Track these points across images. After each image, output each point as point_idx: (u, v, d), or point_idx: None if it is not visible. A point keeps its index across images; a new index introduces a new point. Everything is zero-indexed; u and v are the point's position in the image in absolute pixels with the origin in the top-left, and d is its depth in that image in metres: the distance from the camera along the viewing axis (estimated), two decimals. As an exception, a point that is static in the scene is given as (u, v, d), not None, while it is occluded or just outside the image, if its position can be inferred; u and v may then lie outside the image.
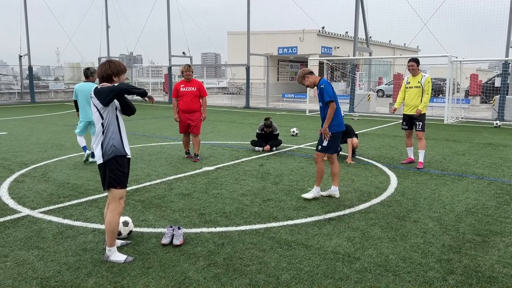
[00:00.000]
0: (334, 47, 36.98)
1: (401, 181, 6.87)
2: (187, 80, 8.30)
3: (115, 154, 3.81)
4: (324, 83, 5.78)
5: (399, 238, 4.47)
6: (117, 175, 3.84)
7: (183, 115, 8.34)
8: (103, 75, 3.83)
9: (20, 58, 25.26)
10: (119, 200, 3.89)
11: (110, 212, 3.88)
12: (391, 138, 11.74)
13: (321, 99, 5.82)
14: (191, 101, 8.24)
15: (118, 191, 3.87)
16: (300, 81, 5.92)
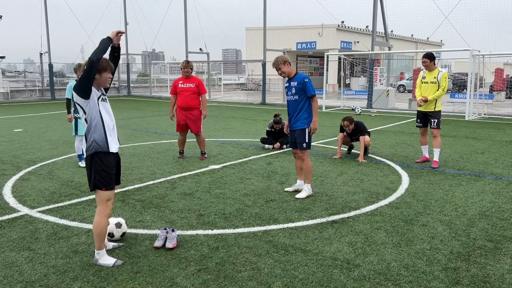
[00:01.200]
0: (353, 41, 36.38)
1: (413, 181, 6.57)
2: (186, 76, 8.04)
3: (95, 150, 3.68)
4: (307, 77, 5.69)
5: (404, 243, 4.22)
6: (102, 176, 3.71)
7: (180, 112, 8.06)
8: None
9: (40, 56, 25.68)
10: (106, 202, 3.77)
11: (98, 215, 3.76)
12: (407, 135, 11.36)
13: (298, 93, 5.64)
14: (189, 98, 7.96)
15: (104, 192, 3.75)
16: (278, 66, 5.68)
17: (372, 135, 10.90)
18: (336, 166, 7.61)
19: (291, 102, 5.75)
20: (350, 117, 8.39)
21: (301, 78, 5.63)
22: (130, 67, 40.09)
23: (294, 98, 5.68)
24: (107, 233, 4.17)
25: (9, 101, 24.25)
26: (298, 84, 5.62)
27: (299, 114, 5.67)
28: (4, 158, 8.20)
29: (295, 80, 5.67)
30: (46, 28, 25.21)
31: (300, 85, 5.61)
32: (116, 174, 3.90)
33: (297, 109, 5.67)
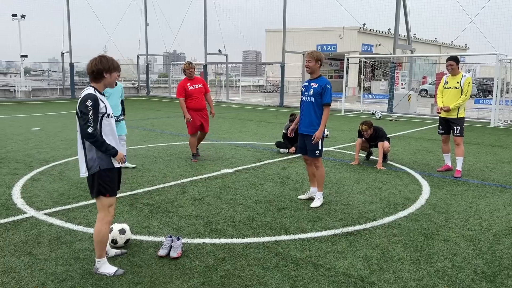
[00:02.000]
0: (375, 44, 35.83)
1: (434, 191, 6.24)
2: (190, 77, 7.95)
3: (100, 168, 3.51)
4: (329, 83, 5.41)
5: (423, 260, 3.94)
6: (106, 182, 3.56)
7: (195, 114, 7.94)
8: (93, 69, 3.50)
9: (62, 55, 26.01)
10: (108, 208, 3.62)
11: (99, 221, 3.60)
12: (429, 142, 10.96)
13: (316, 96, 5.36)
14: (200, 99, 7.96)
15: (107, 199, 3.59)
16: (309, 58, 5.39)
17: (392, 141, 10.56)
18: (353, 173, 7.32)
19: (305, 103, 5.49)
20: (369, 121, 8.08)
21: (324, 82, 5.37)
22: (152, 67, 40.41)
23: (310, 100, 5.42)
24: (110, 240, 4.03)
25: (30, 100, 24.63)
26: (319, 87, 5.36)
27: (313, 118, 5.41)
28: (17, 157, 8.18)
29: (316, 82, 5.41)
30: (68, 27, 25.54)
31: (320, 89, 5.34)
32: (118, 180, 3.74)
33: (311, 112, 5.41)
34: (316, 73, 5.44)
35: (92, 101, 3.40)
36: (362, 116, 17.31)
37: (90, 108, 3.39)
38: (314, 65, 5.39)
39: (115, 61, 3.60)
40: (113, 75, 3.59)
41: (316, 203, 5.44)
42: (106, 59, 3.56)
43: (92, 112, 3.39)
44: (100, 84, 3.58)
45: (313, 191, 5.70)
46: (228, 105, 23.39)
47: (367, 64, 25.37)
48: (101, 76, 3.55)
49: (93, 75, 3.54)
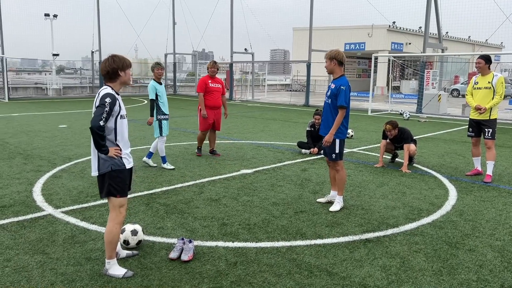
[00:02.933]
0: (405, 43, 35.00)
1: (462, 197, 5.95)
2: (212, 76, 8.16)
3: (111, 169, 3.49)
4: (346, 84, 5.12)
5: (446, 271, 3.72)
6: (117, 183, 3.52)
7: (210, 111, 8.18)
8: (107, 70, 3.49)
9: (92, 54, 26.56)
10: (119, 208, 3.58)
11: (110, 222, 3.57)
12: (459, 144, 10.54)
13: (332, 98, 5.17)
14: (218, 98, 8.19)
15: (118, 199, 3.56)
16: (326, 57, 5.17)
17: (420, 142, 10.21)
18: (376, 176, 7.09)
19: (325, 104, 5.33)
20: (394, 121, 7.80)
21: (340, 83, 5.13)
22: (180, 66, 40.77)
23: (328, 101, 5.25)
24: (122, 240, 4.00)
25: (60, 97, 25.27)
26: (335, 88, 5.16)
27: (331, 120, 5.22)
28: (42, 154, 8.33)
29: (335, 83, 5.21)
30: (98, 26, 26.06)
31: (336, 90, 5.14)
32: (129, 180, 3.69)
33: (328, 114, 5.24)
34: (337, 73, 5.22)
35: (111, 99, 3.41)
36: (390, 116, 16.88)
37: (107, 104, 3.39)
38: (330, 65, 5.18)
39: (126, 59, 3.58)
40: (127, 73, 3.57)
41: (335, 207, 5.26)
42: (118, 58, 3.53)
43: (108, 109, 3.38)
44: (116, 83, 3.56)
45: (333, 195, 5.52)
46: (253, 104, 23.32)
47: (396, 63, 24.78)
48: (117, 75, 3.53)
49: (108, 76, 3.52)
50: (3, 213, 4.98)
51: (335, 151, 5.24)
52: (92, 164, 3.56)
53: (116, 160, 3.50)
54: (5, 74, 22.48)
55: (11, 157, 8.06)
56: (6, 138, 10.12)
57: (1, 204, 5.28)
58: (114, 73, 3.51)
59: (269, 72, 38.27)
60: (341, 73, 5.24)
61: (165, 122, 7.38)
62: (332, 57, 5.14)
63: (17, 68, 58.59)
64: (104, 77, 3.55)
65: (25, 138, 10.24)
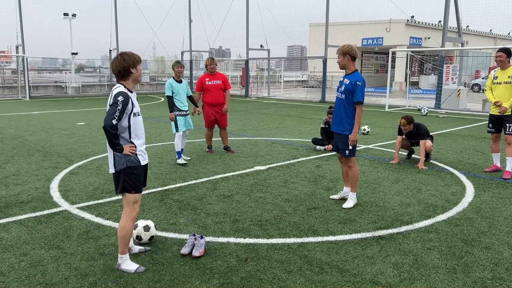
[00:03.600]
0: (424, 37, 34.39)
1: (479, 193, 5.83)
2: (211, 73, 8.20)
3: (127, 165, 3.53)
4: (361, 80, 5.04)
5: (460, 269, 3.65)
6: (132, 179, 3.56)
7: (209, 108, 8.25)
8: (119, 69, 3.51)
9: (110, 52, 26.90)
10: (133, 205, 3.62)
11: (123, 217, 3.61)
12: (478, 140, 10.32)
13: (346, 93, 5.09)
14: (217, 94, 8.19)
15: (132, 195, 3.60)
16: (338, 54, 5.11)
17: (438, 138, 10.05)
18: (391, 172, 7.00)
19: (338, 100, 5.25)
20: (409, 116, 7.68)
21: (355, 79, 5.05)
22: (198, 64, 40.94)
23: (341, 97, 5.17)
24: (135, 236, 4.05)
25: (79, 95, 25.70)
26: (349, 84, 5.08)
27: (343, 116, 5.16)
28: (60, 151, 8.49)
29: (349, 78, 5.13)
30: (115, 25, 26.36)
31: (350, 86, 5.06)
32: (144, 177, 3.73)
33: (341, 110, 5.17)
34: (350, 68, 5.15)
35: (123, 97, 3.44)
36: (407, 112, 16.63)
37: (120, 103, 3.42)
38: (343, 60, 5.10)
39: (136, 55, 3.59)
40: (138, 69, 3.59)
41: (349, 204, 5.22)
42: (127, 55, 3.55)
43: (120, 107, 3.42)
44: (129, 81, 3.58)
45: (346, 191, 5.48)
46: (269, 100, 23.28)
47: (414, 58, 24.39)
48: (128, 73, 3.55)
49: (120, 74, 3.54)
50: (21, 208, 5.10)
51: (348, 147, 5.19)
52: (109, 161, 3.61)
53: (131, 157, 3.54)
54: (26, 73, 22.96)
55: (30, 154, 8.23)
56: (26, 136, 10.35)
57: (19, 200, 5.41)
58: (125, 71, 3.53)
59: (286, 68, 38.11)
60: (354, 68, 5.17)
61: (180, 118, 7.53)
62: (346, 52, 5.07)
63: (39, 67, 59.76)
64: (116, 76, 3.59)
65: (44, 135, 10.45)
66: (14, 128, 11.72)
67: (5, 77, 28.30)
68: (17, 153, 8.34)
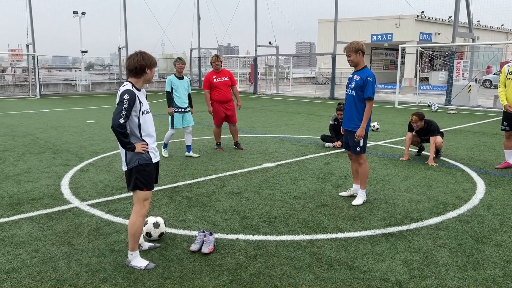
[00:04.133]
0: (434, 33, 34.03)
1: (490, 190, 5.77)
2: (216, 70, 8.22)
3: (139, 163, 3.56)
4: (372, 76, 5.01)
5: (471, 266, 3.62)
6: (143, 176, 3.59)
7: (219, 106, 8.25)
8: (135, 66, 3.53)
9: (119, 50, 27.05)
10: (144, 202, 3.65)
11: (134, 214, 3.64)
12: (489, 136, 10.21)
13: (357, 90, 5.05)
14: (225, 91, 8.21)
15: (143, 193, 3.63)
16: (348, 53, 5.05)
17: (448, 135, 9.96)
18: (401, 169, 6.95)
19: (348, 97, 5.23)
20: (420, 112, 7.61)
21: (366, 75, 5.02)
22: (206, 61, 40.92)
23: (352, 93, 5.14)
24: (144, 233, 4.08)
25: (89, 93, 25.89)
26: (360, 80, 5.04)
27: (354, 113, 5.13)
28: (71, 149, 8.57)
29: (359, 74, 5.09)
30: (124, 23, 26.50)
31: (361, 82, 5.03)
32: (155, 174, 3.77)
33: (352, 106, 5.14)
34: (360, 65, 5.11)
35: (129, 95, 3.46)
36: (417, 108, 16.50)
37: (126, 101, 3.44)
38: (356, 57, 5.05)
39: (153, 58, 3.68)
40: (152, 71, 3.66)
41: (358, 201, 5.20)
42: (147, 55, 3.61)
43: (127, 105, 3.44)
44: (140, 80, 3.61)
45: (355, 188, 5.45)
46: (277, 97, 23.24)
47: (424, 54, 24.15)
48: (143, 72, 3.58)
49: (135, 71, 3.56)
50: (32, 205, 5.16)
51: (360, 144, 5.17)
52: (122, 159, 3.64)
53: (143, 154, 3.57)
54: (36, 71, 23.18)
55: (41, 151, 8.32)
56: (37, 134, 10.46)
57: (31, 197, 5.47)
58: (141, 69, 3.56)
59: (295, 65, 38.11)
60: (364, 64, 5.14)
61: (177, 115, 7.69)
62: (358, 49, 5.03)
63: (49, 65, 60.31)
64: (130, 72, 3.59)
65: (54, 133, 10.55)
66: (25, 126, 11.85)
67: (16, 75, 28.58)
68: (28, 150, 8.43)
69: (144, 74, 3.58)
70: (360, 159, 5.27)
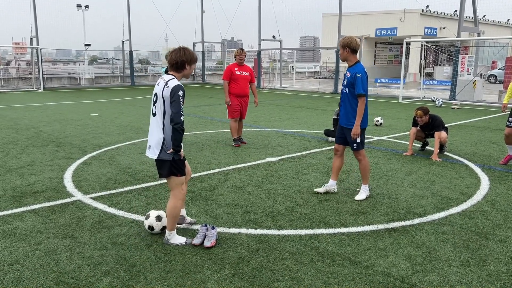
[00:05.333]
0: (439, 27, 33.78)
1: (494, 186, 5.74)
2: (239, 64, 8.14)
3: (173, 158, 3.77)
4: (362, 71, 4.92)
5: (474, 262, 3.60)
6: (178, 164, 3.81)
7: (236, 99, 8.16)
8: (177, 60, 3.71)
9: (122, 44, 27.00)
10: (181, 186, 3.91)
11: (173, 198, 3.88)
12: (494, 132, 10.15)
13: (348, 86, 5.01)
14: (244, 86, 8.13)
15: (179, 178, 3.85)
16: (340, 45, 4.98)
17: (452, 130, 9.91)
18: (405, 164, 6.92)
19: (343, 94, 5.16)
20: (425, 107, 7.56)
21: (355, 71, 4.93)
22: (210, 55, 40.87)
23: (345, 91, 5.07)
24: (146, 226, 4.10)
25: (93, 87, 25.90)
26: (350, 77, 4.97)
27: (349, 110, 5.05)
28: (74, 142, 8.58)
29: (350, 71, 5.01)
30: (128, 16, 26.42)
31: (351, 78, 4.95)
32: None
33: (347, 104, 5.06)
34: (351, 61, 5.03)
35: (183, 91, 3.65)
36: (421, 103, 16.42)
37: (181, 98, 3.63)
38: (343, 53, 5.00)
39: (195, 54, 3.83)
40: (192, 67, 3.81)
41: (361, 196, 5.17)
42: (189, 51, 3.76)
43: (183, 102, 3.64)
44: (180, 74, 3.79)
45: (331, 184, 5.39)
46: (281, 92, 23.18)
47: (429, 48, 24.01)
48: (183, 68, 3.76)
49: (176, 66, 3.73)
50: (35, 198, 5.17)
51: (357, 140, 5.11)
52: (152, 147, 3.78)
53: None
54: (40, 64, 23.20)
55: (44, 144, 8.33)
56: (40, 127, 10.47)
57: (34, 190, 5.48)
58: (182, 64, 3.74)
59: (299, 59, 37.98)
60: (355, 60, 5.05)
61: None
62: (345, 45, 4.95)
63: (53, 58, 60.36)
64: (171, 66, 3.76)
65: (58, 126, 10.57)
66: (29, 119, 11.87)
67: (20, 68, 28.62)
68: (31, 143, 8.45)
69: (184, 69, 3.77)
70: (359, 155, 5.21)
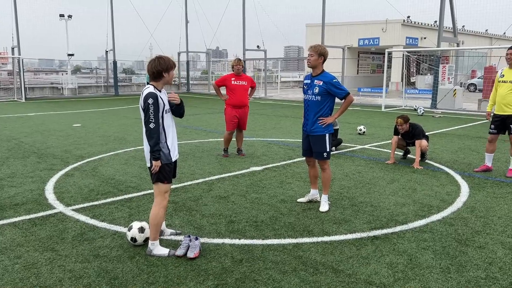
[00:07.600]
0: (420, 37, 34.46)
1: (474, 193, 5.85)
2: (237, 74, 8.07)
3: (162, 162, 3.82)
4: (335, 77, 5.03)
5: (454, 268, 3.66)
6: (165, 171, 3.88)
7: (233, 110, 8.07)
8: (153, 71, 3.78)
9: (106, 53, 26.84)
10: (165, 194, 3.94)
11: (156, 206, 3.90)
12: (473, 140, 10.36)
13: (322, 95, 4.99)
14: (242, 96, 8.07)
15: (164, 185, 3.90)
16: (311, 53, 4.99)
17: (433, 138, 10.09)
18: (387, 172, 7.02)
19: (310, 102, 5.09)
20: (405, 115, 7.70)
21: (329, 79, 4.96)
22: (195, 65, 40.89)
23: (316, 99, 5.04)
24: (129, 238, 4.06)
25: (76, 97, 25.62)
26: (324, 84, 4.97)
27: (317, 117, 5.08)
28: (56, 153, 8.47)
29: (321, 79, 5.00)
30: (111, 26, 26.33)
31: (326, 86, 4.96)
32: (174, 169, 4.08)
33: (317, 112, 5.06)
34: (319, 69, 5.06)
35: (153, 99, 3.70)
36: (403, 112, 16.67)
37: (151, 106, 3.69)
38: (316, 60, 5.00)
39: (171, 60, 3.86)
40: (171, 74, 3.86)
41: (325, 207, 5.13)
42: (163, 60, 3.80)
43: (153, 109, 3.69)
44: (160, 82, 3.85)
45: (313, 193, 5.44)
46: (265, 101, 23.29)
47: (411, 58, 24.46)
48: (161, 76, 3.81)
49: (153, 76, 3.81)
50: (15, 211, 5.08)
51: (326, 149, 5.11)
52: (146, 156, 3.89)
53: (165, 155, 3.83)
54: (22, 74, 22.88)
55: (25, 156, 8.21)
56: (21, 138, 10.32)
57: (14, 202, 5.39)
58: (159, 74, 3.79)
59: (283, 69, 38.21)
60: (322, 68, 5.10)
61: None
62: (321, 53, 4.99)
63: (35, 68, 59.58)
64: (150, 76, 3.84)
65: (39, 137, 10.42)
66: (9, 129, 11.68)
67: (1, 78, 28.19)
68: (12, 155, 8.31)
69: (162, 78, 3.82)
70: (325, 164, 5.21)
